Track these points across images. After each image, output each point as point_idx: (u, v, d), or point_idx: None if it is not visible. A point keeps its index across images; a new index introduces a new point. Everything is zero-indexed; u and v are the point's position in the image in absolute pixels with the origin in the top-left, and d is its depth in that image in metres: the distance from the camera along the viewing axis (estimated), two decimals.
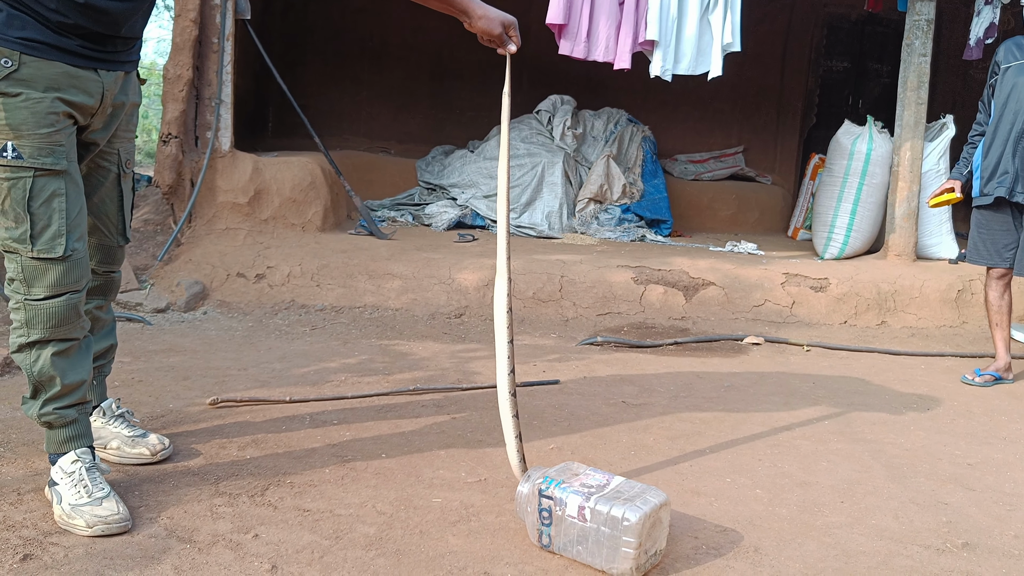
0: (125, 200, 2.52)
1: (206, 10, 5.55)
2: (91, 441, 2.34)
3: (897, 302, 5.47)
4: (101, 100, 2.28)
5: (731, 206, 8.15)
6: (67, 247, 2.18)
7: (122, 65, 2.34)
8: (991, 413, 3.75)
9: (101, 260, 2.52)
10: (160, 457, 2.60)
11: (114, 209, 2.50)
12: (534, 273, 5.21)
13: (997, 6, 6.23)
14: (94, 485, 2.20)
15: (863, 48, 9.28)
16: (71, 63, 2.18)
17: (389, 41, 8.33)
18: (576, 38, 5.63)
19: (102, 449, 2.59)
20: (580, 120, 7.70)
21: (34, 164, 2.13)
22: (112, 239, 2.53)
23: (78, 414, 2.30)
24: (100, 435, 2.59)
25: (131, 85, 2.43)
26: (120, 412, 2.68)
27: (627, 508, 2.05)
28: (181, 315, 4.68)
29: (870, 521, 2.51)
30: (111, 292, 2.61)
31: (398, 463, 2.72)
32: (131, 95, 2.44)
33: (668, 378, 3.96)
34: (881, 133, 6.33)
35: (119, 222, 2.52)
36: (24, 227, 2.15)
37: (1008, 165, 4.16)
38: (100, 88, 2.26)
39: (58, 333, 2.21)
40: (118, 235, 2.53)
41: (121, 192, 2.50)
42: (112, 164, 2.46)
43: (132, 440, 2.60)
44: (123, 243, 2.56)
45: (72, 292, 2.22)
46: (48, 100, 2.14)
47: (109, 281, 2.58)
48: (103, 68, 2.27)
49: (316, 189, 5.90)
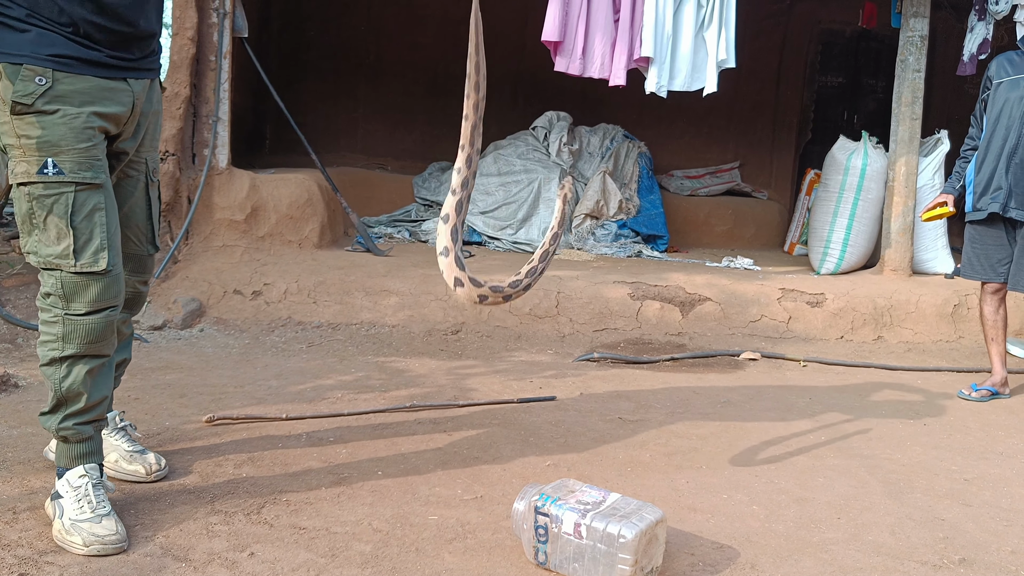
0: (153, 208, 2.54)
1: (204, 28, 5.57)
2: (102, 458, 2.35)
3: (893, 317, 5.48)
4: (132, 109, 2.31)
5: (727, 221, 8.17)
6: (110, 261, 2.20)
7: (148, 72, 2.37)
8: (988, 428, 3.76)
9: (132, 269, 2.53)
10: (155, 478, 2.59)
11: (143, 218, 2.51)
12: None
13: (990, 22, 6.26)
14: (98, 502, 2.20)
15: (858, 64, 9.33)
16: (102, 75, 2.21)
17: (385, 58, 8.36)
18: (572, 55, 5.65)
19: None
20: (576, 136, 7.73)
21: (75, 179, 2.15)
22: (143, 248, 2.54)
23: (95, 431, 2.31)
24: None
25: (155, 93, 2.46)
26: (123, 425, 2.69)
27: (623, 525, 2.05)
28: (178, 332, 4.68)
29: (867, 537, 2.51)
30: (138, 306, 2.64)
31: (394, 480, 2.71)
32: (155, 103, 2.47)
33: (665, 394, 3.96)
34: (876, 148, 6.35)
35: (148, 231, 2.54)
36: (67, 242, 2.16)
37: (1001, 180, 4.18)
38: (131, 97, 2.30)
39: (93, 349, 2.23)
40: (148, 244, 2.55)
41: (149, 200, 2.52)
42: (140, 173, 2.48)
43: (131, 456, 2.60)
44: (153, 252, 2.58)
45: (111, 308, 2.24)
46: (85, 115, 2.17)
47: (137, 295, 2.60)
48: (132, 77, 2.30)
49: (313, 206, 5.91)
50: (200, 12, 5.52)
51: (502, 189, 7.01)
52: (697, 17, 5.63)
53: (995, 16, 6.17)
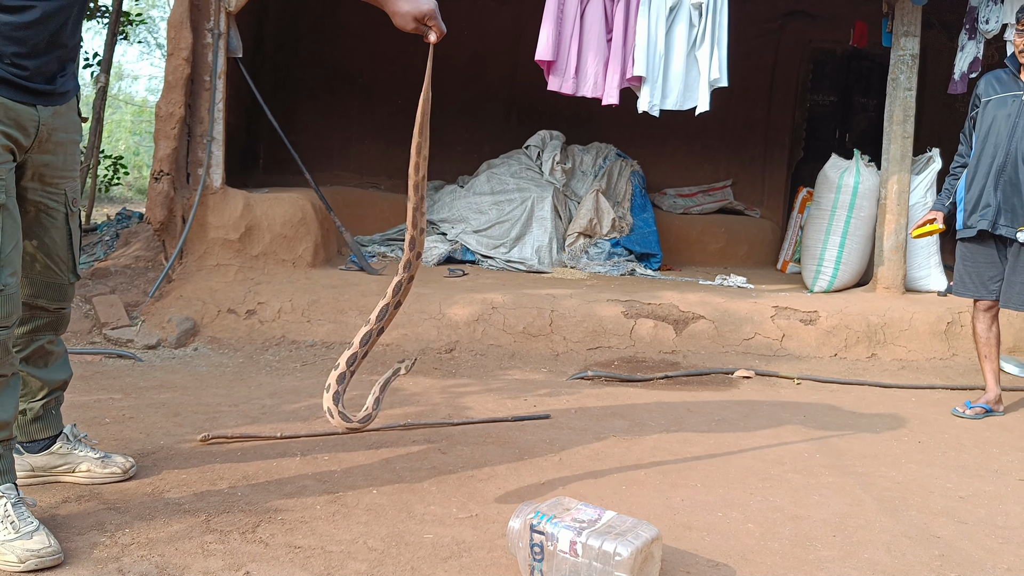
0: (74, 237, 2.53)
1: (198, 48, 5.59)
2: (15, 478, 2.30)
3: (887, 335, 5.49)
4: (37, 134, 2.28)
5: (720, 240, 8.19)
6: (1, 280, 2.17)
7: (61, 98, 2.35)
8: (982, 445, 3.76)
9: (53, 297, 2.53)
10: (131, 475, 2.69)
11: (64, 247, 2.50)
12: (524, 308, 5.22)
13: (981, 41, 6.32)
14: (21, 520, 2.17)
15: (849, 83, 9.39)
16: (9, 96, 2.18)
17: (378, 78, 8.39)
18: (565, 74, 5.69)
19: (70, 473, 2.65)
20: (569, 155, 7.76)
21: None
22: (63, 276, 2.53)
23: (3, 450, 2.27)
24: (67, 461, 2.65)
25: (71, 121, 2.44)
26: (82, 436, 2.72)
27: (619, 543, 2.05)
28: (172, 351, 4.67)
29: (862, 555, 2.51)
30: (61, 327, 2.62)
31: (389, 499, 2.71)
32: (72, 131, 2.44)
33: (659, 412, 3.96)
34: (868, 166, 6.39)
35: (69, 260, 2.53)
36: None
37: (990, 198, 4.20)
38: (36, 123, 2.27)
39: None
40: (69, 272, 2.54)
41: (70, 230, 2.51)
42: (60, 204, 2.46)
43: (102, 461, 2.67)
44: (74, 280, 2.57)
45: (2, 328, 2.20)
46: None
47: (60, 317, 2.59)
48: (41, 103, 2.27)
49: (307, 225, 5.91)
50: (195, 32, 5.55)
51: (495, 208, 7.03)
52: (689, 36, 5.67)
53: (985, 35, 6.23)
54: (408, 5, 2.43)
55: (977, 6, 6.25)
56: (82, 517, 2.42)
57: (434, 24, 2.46)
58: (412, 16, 2.44)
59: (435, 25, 2.46)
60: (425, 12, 2.43)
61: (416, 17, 2.44)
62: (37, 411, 2.61)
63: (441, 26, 2.48)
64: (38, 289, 2.48)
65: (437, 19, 2.46)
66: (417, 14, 2.43)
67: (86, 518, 2.41)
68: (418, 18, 2.44)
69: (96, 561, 2.16)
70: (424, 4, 2.43)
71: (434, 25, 2.46)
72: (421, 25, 2.46)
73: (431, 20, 2.45)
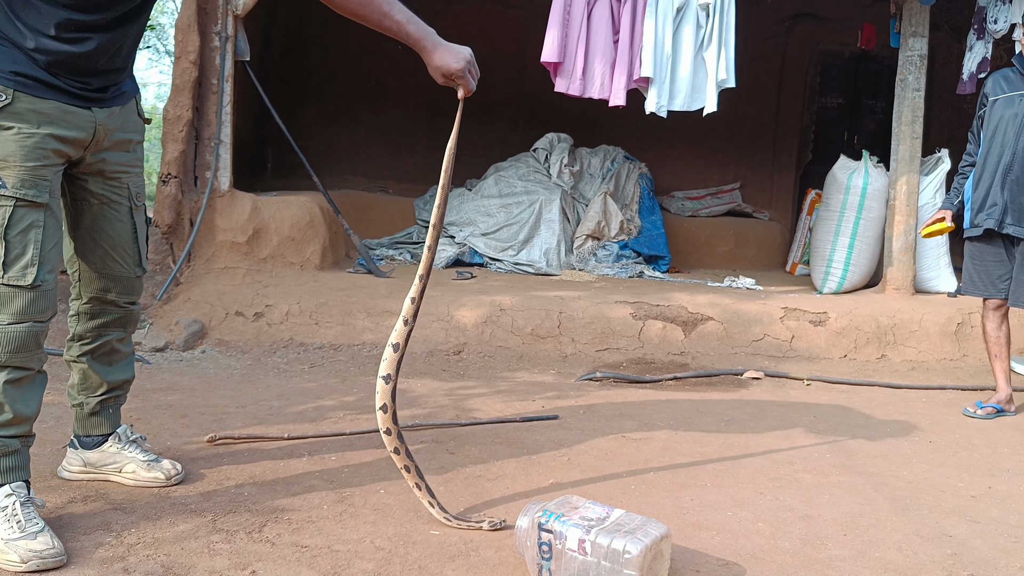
0: (139, 231, 2.59)
1: (206, 52, 5.61)
2: (28, 475, 2.31)
3: (897, 335, 5.46)
4: (94, 134, 2.34)
5: (729, 242, 8.17)
6: (37, 277, 2.21)
7: (116, 100, 2.41)
8: (994, 445, 3.73)
9: (121, 291, 2.58)
10: (174, 482, 2.68)
11: (130, 241, 2.56)
12: (532, 310, 5.21)
13: (989, 41, 6.29)
14: (27, 520, 2.17)
15: (857, 84, 9.37)
16: (64, 100, 2.25)
17: (387, 82, 8.40)
18: (572, 76, 5.68)
19: (116, 473, 2.66)
20: (577, 157, 7.76)
21: (15, 194, 2.18)
22: (130, 270, 2.58)
23: (21, 446, 2.28)
24: (116, 460, 2.66)
25: (130, 121, 2.49)
26: (134, 438, 2.73)
27: (628, 541, 2.03)
28: (180, 354, 4.67)
29: (874, 554, 2.49)
30: (131, 324, 2.67)
31: (396, 498, 2.70)
32: (130, 130, 2.50)
33: (668, 413, 3.94)
34: (877, 167, 6.36)
35: (135, 253, 2.58)
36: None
37: (997, 197, 4.18)
38: (93, 123, 2.33)
39: (15, 360, 2.22)
40: (135, 266, 2.60)
41: (135, 224, 2.56)
42: (123, 197, 2.52)
43: (148, 464, 2.67)
44: (141, 273, 2.63)
45: (36, 321, 2.23)
46: (40, 136, 2.21)
47: (129, 313, 2.64)
48: (96, 107, 2.34)
49: (315, 228, 5.91)
50: (202, 36, 5.56)
51: (503, 211, 7.02)
52: (696, 37, 5.65)
53: (994, 35, 6.20)
54: (439, 59, 2.43)
55: (985, 6, 6.23)
56: (88, 517, 2.41)
57: (463, 82, 2.46)
58: (441, 73, 2.45)
59: (464, 83, 2.46)
60: (454, 71, 2.44)
61: (445, 74, 2.45)
62: (94, 406, 2.65)
63: (470, 84, 2.47)
64: (107, 283, 2.54)
65: (467, 76, 2.45)
66: (446, 71, 2.44)
67: (92, 518, 2.41)
68: (447, 75, 2.45)
69: (101, 560, 2.15)
70: (453, 62, 2.43)
71: (463, 83, 2.46)
72: (450, 81, 2.47)
73: (460, 79, 2.45)
